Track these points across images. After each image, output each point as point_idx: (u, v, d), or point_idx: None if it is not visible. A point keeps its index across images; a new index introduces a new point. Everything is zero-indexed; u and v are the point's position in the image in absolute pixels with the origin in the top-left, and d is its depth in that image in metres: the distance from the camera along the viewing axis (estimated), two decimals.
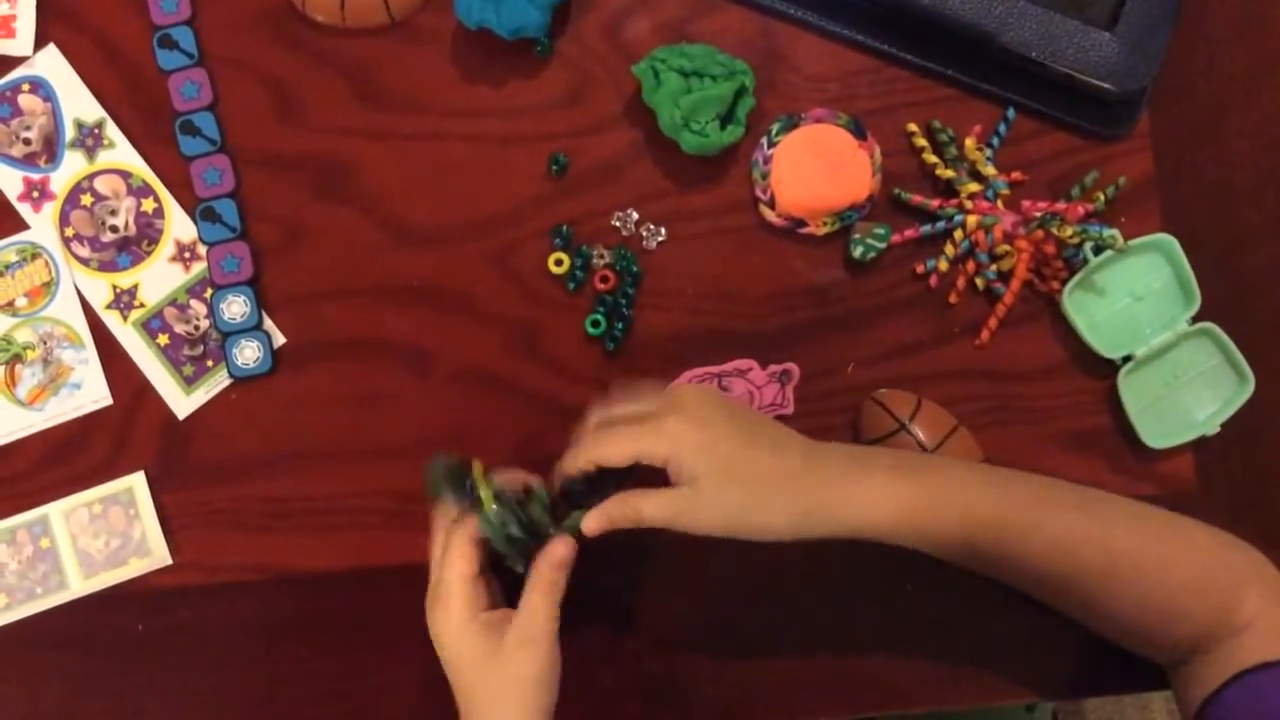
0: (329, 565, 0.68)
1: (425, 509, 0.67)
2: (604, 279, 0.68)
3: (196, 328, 0.68)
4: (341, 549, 0.68)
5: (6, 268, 0.68)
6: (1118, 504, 0.59)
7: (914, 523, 0.56)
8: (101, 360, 0.68)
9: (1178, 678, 0.58)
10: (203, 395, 0.68)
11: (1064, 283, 0.67)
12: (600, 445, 0.56)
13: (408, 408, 0.68)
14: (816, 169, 0.66)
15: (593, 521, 0.56)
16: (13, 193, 0.69)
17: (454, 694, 0.57)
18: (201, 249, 0.68)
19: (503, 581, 0.60)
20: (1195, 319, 0.67)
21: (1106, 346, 0.66)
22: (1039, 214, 0.66)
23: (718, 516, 0.55)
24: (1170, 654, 0.58)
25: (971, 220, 0.67)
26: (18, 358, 0.68)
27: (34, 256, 0.68)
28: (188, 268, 0.69)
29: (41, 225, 0.68)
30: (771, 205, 0.68)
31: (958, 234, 0.68)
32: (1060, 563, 0.57)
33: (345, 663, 0.68)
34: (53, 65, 0.69)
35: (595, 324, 0.67)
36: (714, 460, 0.54)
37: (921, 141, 0.68)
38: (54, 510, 0.67)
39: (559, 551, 0.56)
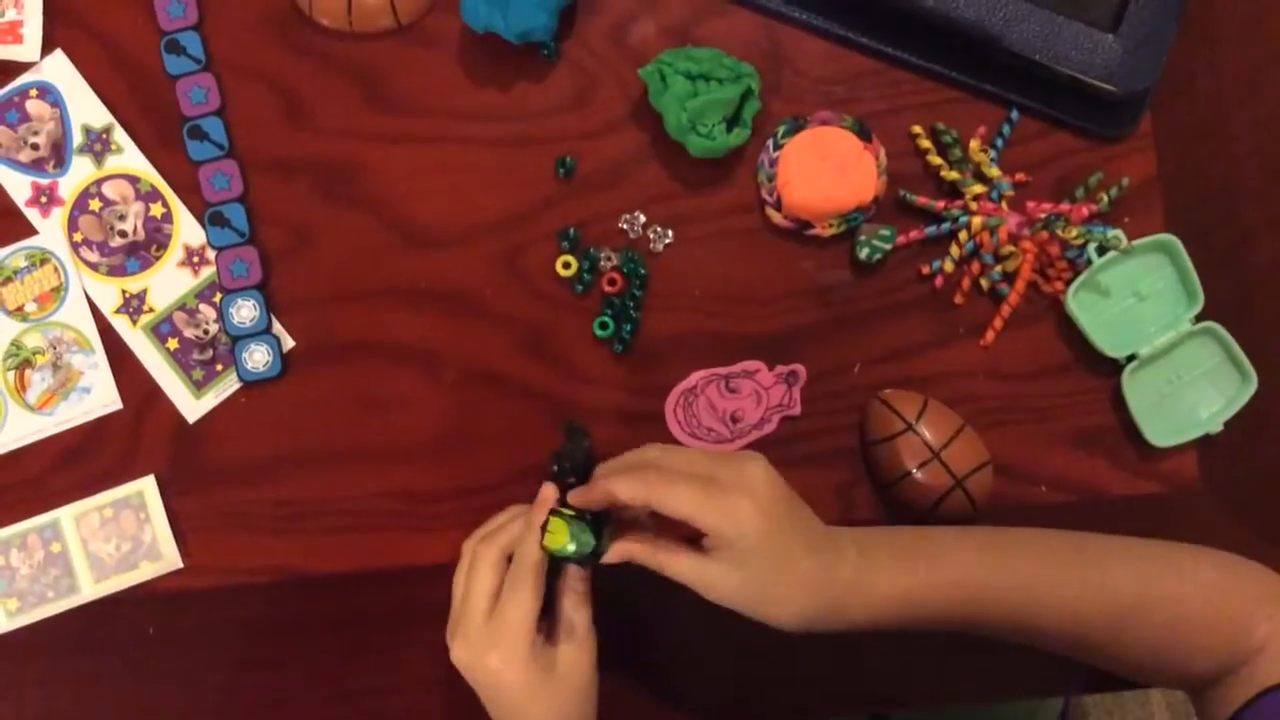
0: (339, 568, 0.68)
1: (435, 511, 0.68)
2: (611, 281, 0.68)
3: (206, 332, 0.68)
4: (351, 551, 0.68)
5: (15, 273, 0.68)
6: (1116, 549, 0.59)
7: (918, 604, 0.56)
8: (111, 365, 0.68)
9: (1199, 702, 0.59)
10: (212, 399, 0.68)
11: (1068, 283, 0.67)
12: (664, 490, 0.54)
13: (416, 410, 0.68)
14: (822, 171, 0.67)
15: (617, 554, 0.56)
16: (21, 198, 0.69)
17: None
18: (210, 253, 0.68)
19: None
20: (1198, 318, 0.67)
21: (1110, 346, 0.67)
22: (1043, 215, 0.66)
23: (741, 598, 0.55)
24: (1192, 685, 0.59)
25: (976, 221, 0.67)
26: (27, 363, 0.68)
27: (43, 261, 0.68)
28: (196, 272, 0.69)
29: (50, 230, 0.69)
30: (778, 207, 0.68)
31: (962, 235, 0.68)
32: (1068, 627, 0.57)
33: (355, 665, 0.68)
34: (60, 71, 0.69)
35: (603, 326, 0.68)
36: (765, 556, 0.54)
37: (926, 143, 0.69)
38: (65, 514, 0.68)
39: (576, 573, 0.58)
